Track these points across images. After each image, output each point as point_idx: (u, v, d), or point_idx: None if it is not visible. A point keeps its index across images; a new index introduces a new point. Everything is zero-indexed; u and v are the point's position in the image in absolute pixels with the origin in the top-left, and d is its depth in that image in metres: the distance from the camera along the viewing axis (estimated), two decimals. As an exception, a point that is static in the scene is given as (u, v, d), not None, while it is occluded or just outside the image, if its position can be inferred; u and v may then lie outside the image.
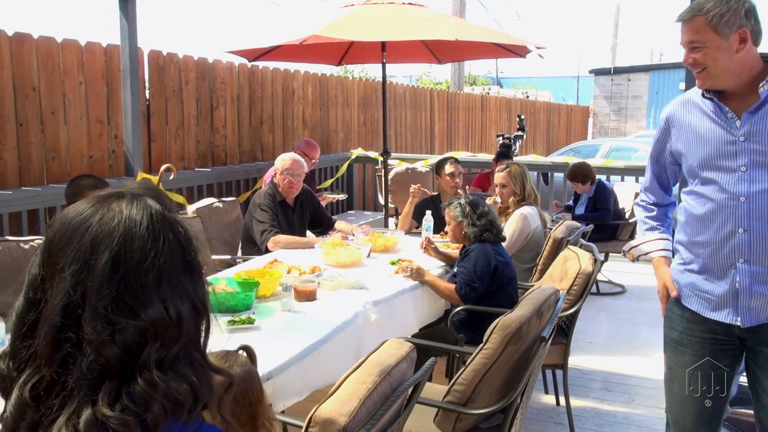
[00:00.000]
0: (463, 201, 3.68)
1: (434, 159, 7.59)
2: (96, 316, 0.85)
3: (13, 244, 3.58)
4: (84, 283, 0.86)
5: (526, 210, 4.45)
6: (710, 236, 2.24)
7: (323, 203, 5.56)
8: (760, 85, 2.16)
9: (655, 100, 21.53)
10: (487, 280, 3.52)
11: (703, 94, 2.27)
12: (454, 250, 4.31)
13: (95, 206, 0.91)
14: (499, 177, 4.66)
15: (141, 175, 5.09)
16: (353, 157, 8.68)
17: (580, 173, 6.46)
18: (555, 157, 10.76)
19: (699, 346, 2.32)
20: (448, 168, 5.15)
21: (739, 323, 2.23)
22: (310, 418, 1.56)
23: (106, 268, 0.86)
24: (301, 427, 1.57)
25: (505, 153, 7.24)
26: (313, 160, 6.35)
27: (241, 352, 1.60)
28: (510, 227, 4.35)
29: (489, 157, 8.17)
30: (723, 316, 2.25)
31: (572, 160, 7.63)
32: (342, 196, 7.31)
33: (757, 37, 2.17)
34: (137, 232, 0.89)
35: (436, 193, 5.29)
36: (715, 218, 2.23)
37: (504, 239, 3.71)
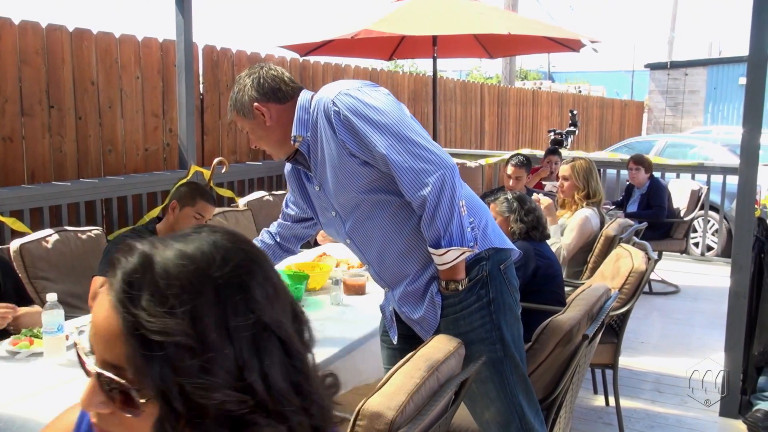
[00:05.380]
0: (510, 196, 3.57)
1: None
2: None
3: (72, 235, 3.69)
4: None
5: (587, 212, 4.28)
6: None
7: None
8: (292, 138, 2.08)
9: (713, 96, 20.88)
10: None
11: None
12: None
13: None
14: (562, 169, 4.50)
15: (194, 169, 5.18)
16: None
17: (646, 160, 6.56)
18: (607, 153, 10.58)
19: None
20: (509, 168, 5.31)
21: None
22: (358, 411, 1.56)
23: None
24: (349, 420, 1.57)
25: (554, 149, 7.14)
26: None
27: None
28: (571, 231, 4.22)
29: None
30: None
31: (625, 157, 7.53)
32: None
33: (276, 95, 2.07)
34: None
35: (502, 185, 5.43)
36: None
37: (548, 237, 3.60)
